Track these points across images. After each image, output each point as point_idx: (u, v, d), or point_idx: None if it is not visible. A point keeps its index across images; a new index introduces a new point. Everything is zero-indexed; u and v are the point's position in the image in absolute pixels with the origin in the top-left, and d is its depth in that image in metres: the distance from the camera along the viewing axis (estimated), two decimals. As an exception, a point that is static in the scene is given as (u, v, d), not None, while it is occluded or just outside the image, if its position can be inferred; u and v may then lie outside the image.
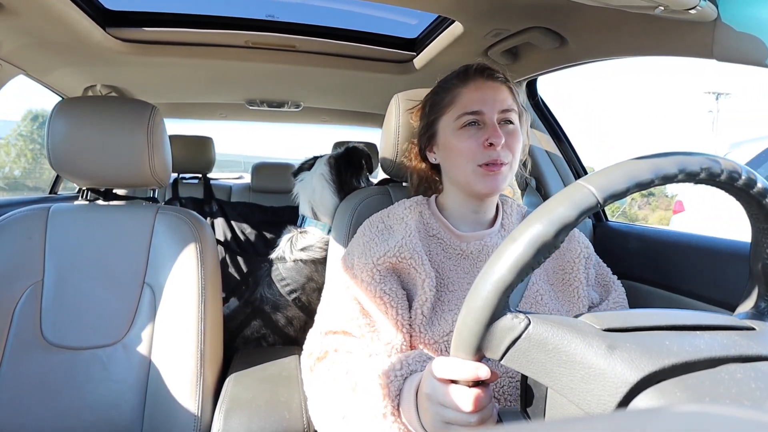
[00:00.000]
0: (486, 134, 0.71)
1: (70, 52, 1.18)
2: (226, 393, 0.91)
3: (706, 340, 0.37)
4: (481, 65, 0.76)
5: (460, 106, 0.74)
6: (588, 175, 0.39)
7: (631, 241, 1.11)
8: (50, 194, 1.82)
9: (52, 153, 0.91)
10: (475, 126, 0.72)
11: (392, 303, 0.67)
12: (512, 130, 0.73)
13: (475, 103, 0.72)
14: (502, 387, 0.65)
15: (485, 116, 0.72)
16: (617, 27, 0.83)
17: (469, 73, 0.76)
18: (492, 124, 0.71)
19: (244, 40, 1.25)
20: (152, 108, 0.95)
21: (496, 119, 0.71)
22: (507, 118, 0.73)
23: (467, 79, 0.75)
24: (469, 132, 0.72)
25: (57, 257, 0.93)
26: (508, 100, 0.73)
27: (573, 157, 1.34)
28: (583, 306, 0.73)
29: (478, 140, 0.71)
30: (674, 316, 0.41)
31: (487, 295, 0.39)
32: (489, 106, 0.72)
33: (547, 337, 0.38)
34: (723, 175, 0.39)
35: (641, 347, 0.36)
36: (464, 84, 0.75)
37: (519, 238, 0.38)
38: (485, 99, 0.72)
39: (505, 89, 0.75)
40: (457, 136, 0.73)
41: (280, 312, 1.25)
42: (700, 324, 0.40)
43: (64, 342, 0.89)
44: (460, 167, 0.74)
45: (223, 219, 1.96)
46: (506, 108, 0.73)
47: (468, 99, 0.73)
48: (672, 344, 0.36)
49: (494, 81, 0.75)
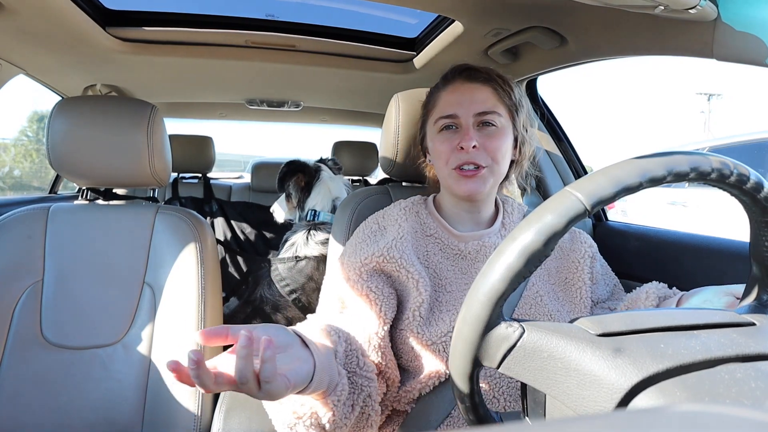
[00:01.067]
0: (459, 138, 0.71)
1: (69, 51, 1.18)
2: (226, 392, 0.91)
3: (702, 341, 0.36)
4: (460, 66, 0.75)
5: (438, 109, 0.74)
6: (575, 182, 0.39)
7: (631, 241, 1.11)
8: (50, 194, 1.82)
9: (52, 152, 0.91)
10: (451, 129, 0.72)
11: (377, 300, 0.66)
12: (492, 132, 0.71)
13: (450, 106, 0.72)
14: (501, 387, 0.65)
15: (460, 119, 0.71)
16: (617, 26, 0.83)
17: (449, 75, 0.75)
18: (465, 128, 0.70)
19: (244, 40, 1.25)
20: (152, 107, 0.95)
21: (472, 122, 0.71)
22: (486, 120, 0.71)
23: (447, 81, 0.75)
24: (445, 135, 0.73)
25: (57, 257, 0.93)
26: (488, 102, 0.72)
27: (573, 157, 1.34)
28: (585, 307, 0.73)
29: (452, 143, 0.71)
30: (671, 317, 0.41)
31: (481, 306, 0.39)
32: (464, 109, 0.71)
33: (542, 345, 0.38)
34: (713, 173, 0.39)
35: (636, 352, 0.36)
36: (444, 86, 0.75)
37: (508, 249, 0.38)
38: (461, 101, 0.72)
39: (487, 90, 0.73)
40: (436, 139, 0.74)
41: (280, 312, 1.25)
42: (697, 323, 0.40)
43: (64, 341, 0.90)
44: (440, 170, 0.74)
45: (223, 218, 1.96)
46: (485, 110, 0.71)
47: (445, 102, 0.73)
48: (667, 347, 0.36)
49: (473, 82, 0.73)
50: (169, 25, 1.19)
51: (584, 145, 28.65)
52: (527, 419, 0.45)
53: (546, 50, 1.02)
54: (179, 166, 2.05)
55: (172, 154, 1.04)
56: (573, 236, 0.81)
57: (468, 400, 0.44)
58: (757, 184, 0.40)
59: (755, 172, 0.41)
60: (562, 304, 0.73)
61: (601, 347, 0.36)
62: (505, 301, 0.39)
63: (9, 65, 1.18)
